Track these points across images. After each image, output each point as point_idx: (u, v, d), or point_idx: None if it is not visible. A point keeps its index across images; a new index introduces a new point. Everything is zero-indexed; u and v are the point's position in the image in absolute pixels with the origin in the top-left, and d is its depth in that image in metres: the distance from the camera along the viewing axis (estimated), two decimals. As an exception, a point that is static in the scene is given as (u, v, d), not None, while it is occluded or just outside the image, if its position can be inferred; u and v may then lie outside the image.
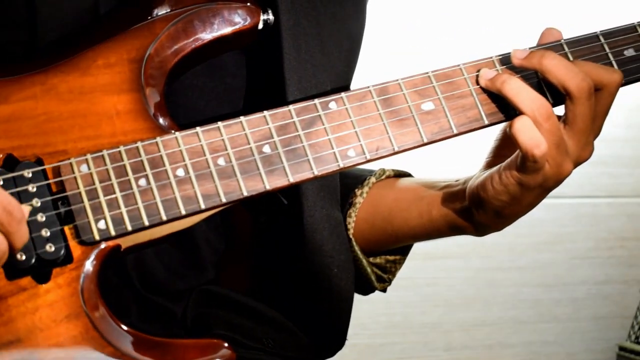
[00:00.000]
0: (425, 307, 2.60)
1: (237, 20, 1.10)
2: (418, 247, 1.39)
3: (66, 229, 1.00)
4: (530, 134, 1.07)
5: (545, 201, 2.87)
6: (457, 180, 1.23)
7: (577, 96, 1.09)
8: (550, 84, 1.11)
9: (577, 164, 1.14)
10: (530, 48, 1.14)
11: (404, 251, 1.34)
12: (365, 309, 2.51)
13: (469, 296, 2.65)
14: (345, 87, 1.25)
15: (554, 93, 1.12)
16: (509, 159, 1.13)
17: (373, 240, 1.30)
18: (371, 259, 1.32)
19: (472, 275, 2.65)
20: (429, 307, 2.61)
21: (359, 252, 1.29)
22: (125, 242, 1.02)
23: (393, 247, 1.33)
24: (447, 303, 2.63)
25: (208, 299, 1.21)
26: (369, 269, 1.31)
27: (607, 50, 1.16)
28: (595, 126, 1.13)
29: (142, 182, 1.01)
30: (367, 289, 1.35)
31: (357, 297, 1.40)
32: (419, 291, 2.59)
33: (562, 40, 1.16)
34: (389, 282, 1.35)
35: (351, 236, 1.29)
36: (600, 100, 1.12)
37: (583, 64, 1.12)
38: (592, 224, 2.79)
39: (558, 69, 1.10)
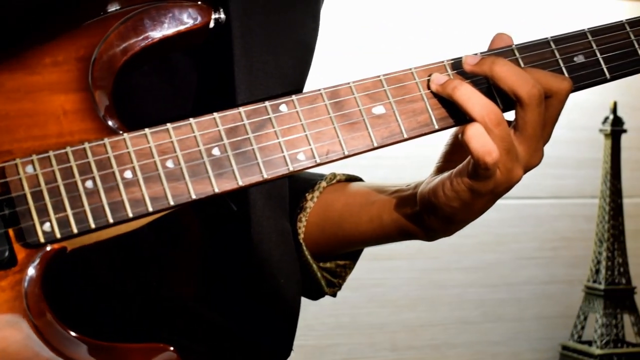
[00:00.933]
0: (371, 308, 2.61)
1: (187, 19, 1.08)
2: (365, 249, 1.38)
3: (10, 231, 0.98)
4: (482, 142, 1.07)
5: (490, 202, 2.87)
6: (408, 185, 1.23)
7: (528, 103, 1.10)
8: (500, 90, 1.11)
9: (526, 169, 1.14)
10: (481, 53, 1.14)
11: (354, 256, 1.34)
12: (312, 310, 2.51)
13: (415, 297, 2.66)
14: (298, 92, 1.25)
15: (505, 99, 1.12)
16: (460, 166, 1.13)
17: (324, 245, 1.30)
18: (321, 264, 1.32)
19: (418, 276, 2.66)
20: (375, 308, 2.61)
21: (309, 257, 1.28)
22: (71, 245, 1.01)
23: (344, 251, 1.32)
24: (393, 304, 2.63)
25: (154, 302, 1.20)
26: (319, 274, 1.30)
27: (558, 56, 1.16)
28: (545, 132, 1.14)
29: (89, 184, 1.00)
30: (317, 294, 1.35)
31: (306, 300, 1.39)
32: (365, 292, 2.60)
33: (513, 46, 1.16)
34: (339, 286, 1.35)
35: (301, 241, 1.28)
36: (550, 107, 1.12)
37: (534, 71, 1.12)
38: (536, 224, 2.81)
39: (509, 75, 1.10)
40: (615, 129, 2.63)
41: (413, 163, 1.21)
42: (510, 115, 1.13)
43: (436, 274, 2.68)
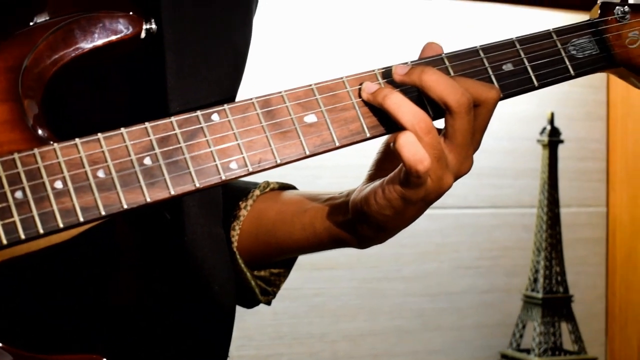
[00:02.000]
0: (311, 317, 2.60)
1: (118, 29, 1.08)
2: (305, 258, 1.39)
3: (-61, 243, 0.97)
4: (414, 150, 1.08)
5: (429, 212, 2.91)
6: (340, 193, 1.23)
7: (457, 111, 1.11)
8: (430, 98, 1.12)
9: (457, 177, 1.15)
10: (411, 62, 1.15)
11: (288, 264, 1.34)
12: (251, 320, 2.50)
13: (355, 306, 2.66)
14: (231, 101, 1.25)
15: (434, 107, 1.13)
16: (392, 174, 1.13)
17: (257, 253, 1.30)
18: (255, 272, 1.32)
19: (357, 286, 2.67)
20: (315, 318, 2.61)
21: (242, 266, 1.28)
22: (1, 256, 1.00)
23: (278, 259, 1.32)
24: (333, 313, 2.64)
25: (89, 313, 1.19)
26: (252, 282, 1.30)
27: (487, 64, 1.18)
28: (474, 140, 1.15)
29: (19, 194, 0.98)
30: (251, 302, 1.35)
31: (244, 309, 1.39)
32: (305, 302, 2.59)
33: (443, 55, 1.17)
34: (274, 295, 1.35)
35: (235, 249, 1.28)
36: (479, 115, 1.14)
37: (462, 80, 1.14)
38: (476, 234, 2.84)
39: (438, 84, 1.11)
40: (553, 139, 2.67)
41: (355, 172, 1.22)
42: (440, 124, 1.14)
43: (376, 283, 2.69)
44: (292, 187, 1.35)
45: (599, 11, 1.27)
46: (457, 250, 2.81)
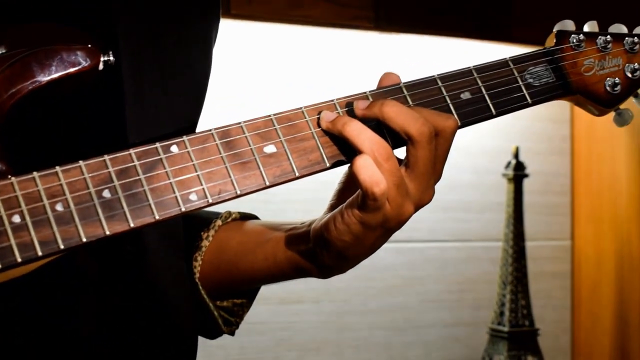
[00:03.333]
0: (278, 351, 2.59)
1: (76, 62, 1.08)
2: (272, 292, 1.39)
3: None
4: (370, 172, 1.09)
5: (395, 245, 2.92)
6: (302, 223, 1.23)
7: (419, 140, 1.12)
8: (391, 129, 1.13)
9: (418, 206, 1.16)
10: (370, 91, 1.16)
11: (251, 295, 1.34)
12: (218, 354, 2.48)
13: (322, 340, 2.65)
14: (191, 132, 1.25)
15: (394, 137, 1.14)
16: (350, 198, 1.14)
17: (220, 283, 1.29)
18: (218, 303, 1.31)
19: (324, 319, 2.66)
20: (282, 352, 2.60)
21: (205, 297, 1.28)
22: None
23: (241, 289, 1.32)
24: (300, 347, 2.62)
25: (52, 345, 1.18)
26: (215, 313, 1.30)
27: (445, 93, 1.19)
28: (435, 170, 1.16)
29: (-25, 229, 0.98)
30: (214, 333, 1.34)
31: (210, 343, 1.38)
32: (272, 335, 2.58)
33: (401, 84, 1.18)
34: (237, 325, 1.35)
35: (197, 280, 1.27)
36: (438, 145, 1.15)
37: (421, 110, 1.15)
38: (441, 267, 2.84)
39: (398, 115, 1.12)
40: (518, 173, 2.69)
41: (322, 206, 1.24)
42: (400, 153, 1.14)
43: (342, 316, 2.68)
44: (254, 217, 1.35)
45: (554, 40, 1.29)
46: (423, 283, 2.81)
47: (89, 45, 1.08)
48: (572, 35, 1.28)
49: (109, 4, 1.16)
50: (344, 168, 1.19)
